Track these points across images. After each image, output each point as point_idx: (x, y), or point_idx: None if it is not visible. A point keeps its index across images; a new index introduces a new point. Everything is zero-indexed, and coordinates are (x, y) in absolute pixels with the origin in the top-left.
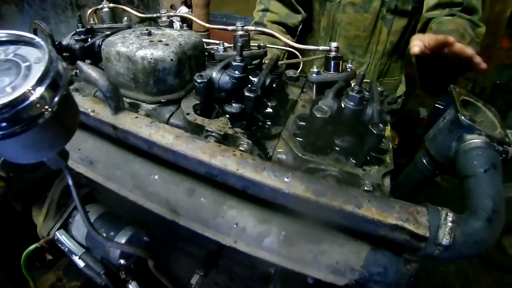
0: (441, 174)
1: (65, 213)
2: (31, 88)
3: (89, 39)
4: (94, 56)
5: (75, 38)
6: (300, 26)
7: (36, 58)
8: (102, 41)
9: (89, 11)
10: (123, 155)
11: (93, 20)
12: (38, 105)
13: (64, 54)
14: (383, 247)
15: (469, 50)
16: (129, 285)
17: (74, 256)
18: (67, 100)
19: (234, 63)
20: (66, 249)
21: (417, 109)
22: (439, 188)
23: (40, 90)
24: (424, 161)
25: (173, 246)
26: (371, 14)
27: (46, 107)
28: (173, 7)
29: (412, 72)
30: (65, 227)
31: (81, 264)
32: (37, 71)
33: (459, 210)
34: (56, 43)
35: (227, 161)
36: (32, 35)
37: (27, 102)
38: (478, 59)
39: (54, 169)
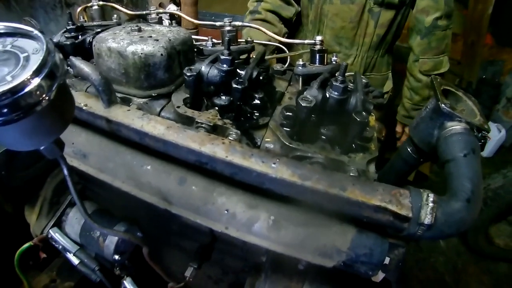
0: (425, 162)
1: (58, 211)
2: (29, 77)
3: (80, 37)
4: (85, 53)
5: (66, 36)
6: (294, 19)
7: (34, 49)
8: (93, 38)
9: (79, 9)
10: (116, 147)
11: (83, 18)
12: (36, 93)
13: None
14: (368, 229)
15: None
16: (124, 281)
17: (68, 253)
18: (64, 89)
19: (222, 57)
20: (60, 246)
21: None
22: (429, 181)
23: (38, 79)
24: (408, 149)
25: (165, 241)
26: (357, 5)
27: (44, 95)
28: (161, 5)
29: (399, 68)
30: (59, 225)
31: (75, 261)
32: (35, 61)
33: None
34: None
35: (216, 149)
36: (29, 28)
37: (26, 90)
38: None
39: (48, 159)
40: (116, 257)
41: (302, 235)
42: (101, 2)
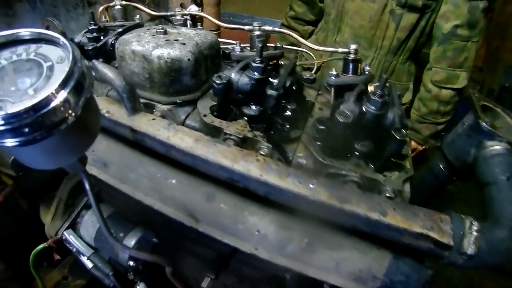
0: (458, 180)
1: (73, 213)
2: (54, 91)
3: (102, 37)
4: (107, 54)
5: (87, 36)
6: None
7: (59, 57)
8: (115, 39)
9: (101, 8)
10: (138, 158)
11: (105, 18)
12: (61, 109)
13: None
14: (405, 254)
15: None
16: (137, 286)
17: (82, 256)
18: (91, 103)
19: (254, 64)
20: (74, 249)
21: None
22: (445, 191)
23: (64, 93)
24: (440, 166)
25: (180, 246)
26: (377, 4)
27: (70, 111)
28: (182, 6)
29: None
30: (73, 226)
31: (89, 264)
32: (60, 72)
33: (464, 213)
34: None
35: (250, 166)
36: (54, 34)
37: (50, 106)
38: None
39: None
40: (131, 263)
41: (337, 259)
42: (123, 2)
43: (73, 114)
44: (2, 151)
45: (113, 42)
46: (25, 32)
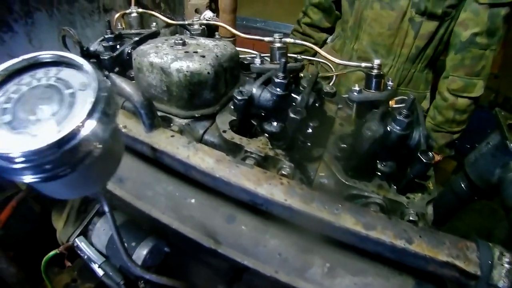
0: (479, 200)
1: (85, 220)
2: (80, 124)
3: (118, 46)
4: (123, 63)
5: (103, 45)
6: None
7: (81, 84)
8: (132, 49)
9: (117, 15)
10: (156, 175)
11: (121, 25)
12: (87, 143)
13: (91, 61)
14: (427, 280)
15: None
16: None
17: (94, 264)
18: (116, 131)
19: (276, 80)
20: (86, 256)
21: None
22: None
23: (90, 125)
24: (462, 184)
25: (192, 256)
26: (396, 12)
27: (96, 143)
28: (197, 11)
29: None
30: (85, 233)
31: (100, 272)
32: (84, 100)
33: (477, 224)
34: (83, 48)
35: (273, 190)
36: (77, 58)
37: (76, 141)
38: None
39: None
40: None
41: (359, 285)
42: (140, 10)
43: (99, 146)
44: None
45: (129, 51)
46: (45, 55)
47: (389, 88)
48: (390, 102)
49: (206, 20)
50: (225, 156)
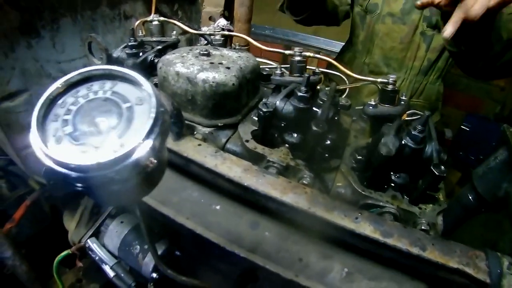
0: (486, 212)
1: (97, 221)
2: (142, 139)
3: (140, 53)
4: (145, 70)
5: (126, 52)
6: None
7: (137, 98)
8: (154, 56)
9: (137, 22)
10: (181, 182)
11: (141, 32)
12: (146, 157)
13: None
14: (438, 286)
15: None
16: None
17: (105, 265)
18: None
19: (299, 94)
20: (97, 257)
21: (442, 130)
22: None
23: (150, 142)
24: (469, 196)
25: (202, 261)
26: (408, 26)
27: (152, 158)
28: (211, 19)
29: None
30: (96, 235)
31: (111, 273)
32: (142, 115)
33: (480, 235)
34: (110, 56)
35: (298, 199)
36: (130, 72)
37: (137, 156)
38: None
39: None
40: (154, 275)
41: None
42: (161, 18)
43: (155, 161)
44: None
45: (152, 58)
46: (100, 69)
47: (402, 102)
48: (403, 115)
49: (222, 27)
50: (252, 166)
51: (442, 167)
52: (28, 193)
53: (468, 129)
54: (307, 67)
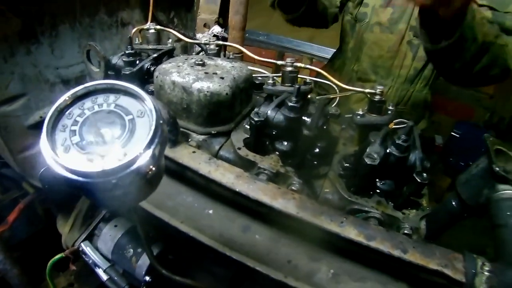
0: (469, 217)
1: (91, 225)
2: (143, 149)
3: (137, 61)
4: (141, 78)
5: (124, 60)
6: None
7: (138, 111)
8: (150, 64)
9: (134, 30)
10: (176, 187)
11: (138, 40)
12: (146, 165)
13: (109, 73)
14: (421, 287)
15: None
16: None
17: (98, 268)
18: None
19: (290, 104)
20: (91, 261)
21: (432, 136)
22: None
23: (150, 151)
24: (453, 202)
25: (196, 264)
26: (395, 35)
27: (151, 166)
28: (206, 26)
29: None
30: (89, 238)
31: (104, 277)
32: (143, 126)
33: (470, 240)
34: (109, 64)
35: (287, 204)
36: (132, 86)
37: (138, 164)
38: None
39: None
40: (147, 278)
41: None
42: (158, 27)
43: (154, 169)
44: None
45: (148, 67)
46: (104, 83)
47: (390, 112)
48: (389, 124)
49: (215, 34)
50: (244, 173)
51: (425, 174)
52: (22, 196)
53: (458, 135)
54: (299, 76)
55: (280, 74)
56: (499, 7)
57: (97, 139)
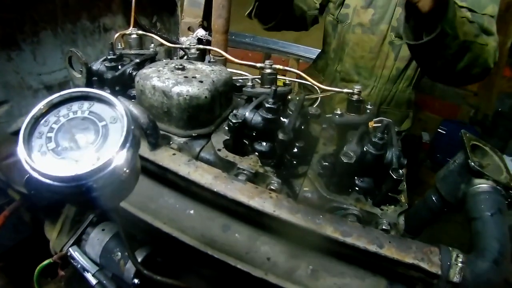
0: (449, 212)
1: (79, 229)
2: (115, 152)
3: (119, 66)
4: (124, 83)
5: (106, 65)
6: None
7: (111, 117)
8: (132, 69)
9: (116, 35)
10: (158, 189)
11: (120, 45)
12: (119, 168)
13: (93, 79)
14: (398, 281)
15: None
16: None
17: (87, 273)
18: (137, 156)
19: (267, 105)
20: (79, 265)
21: (419, 134)
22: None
23: (123, 153)
24: (433, 198)
25: (184, 266)
26: (377, 36)
27: (125, 169)
28: (190, 29)
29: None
30: (78, 243)
31: (93, 281)
32: (116, 132)
33: (458, 234)
34: (89, 70)
35: (264, 203)
36: (106, 94)
37: (111, 167)
38: None
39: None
40: (136, 281)
41: (338, 284)
42: (140, 32)
43: (127, 171)
44: (13, 167)
45: (130, 71)
46: (78, 91)
47: (368, 111)
48: (369, 123)
49: (199, 37)
50: (222, 173)
51: (401, 171)
52: (7, 203)
53: (444, 132)
54: (280, 77)
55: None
56: (476, 9)
57: (71, 145)
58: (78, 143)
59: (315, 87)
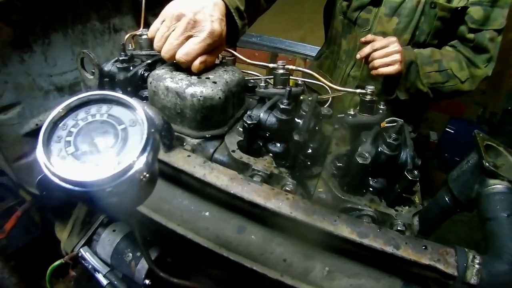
0: (461, 212)
1: (89, 230)
2: (136, 157)
3: (131, 67)
4: (135, 84)
5: (117, 66)
6: None
7: (131, 120)
8: (144, 71)
9: (127, 36)
10: (172, 190)
11: (131, 46)
12: (139, 172)
13: (104, 80)
14: (413, 281)
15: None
16: None
17: (98, 273)
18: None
19: (282, 106)
20: (90, 266)
21: (427, 133)
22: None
23: (144, 157)
24: (446, 198)
25: (193, 266)
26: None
27: (145, 173)
28: None
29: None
30: (88, 244)
31: (104, 282)
32: (135, 135)
33: (466, 235)
34: (102, 71)
35: (281, 204)
36: (124, 96)
37: (132, 171)
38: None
39: None
40: (147, 281)
41: (353, 285)
42: None
43: (147, 175)
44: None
45: (142, 73)
46: (97, 94)
47: (381, 111)
48: (381, 123)
49: None
50: (237, 175)
51: (416, 171)
52: (18, 204)
53: (452, 131)
54: (291, 77)
55: (272, 77)
56: (485, 23)
57: (91, 149)
58: (97, 147)
59: (327, 87)
